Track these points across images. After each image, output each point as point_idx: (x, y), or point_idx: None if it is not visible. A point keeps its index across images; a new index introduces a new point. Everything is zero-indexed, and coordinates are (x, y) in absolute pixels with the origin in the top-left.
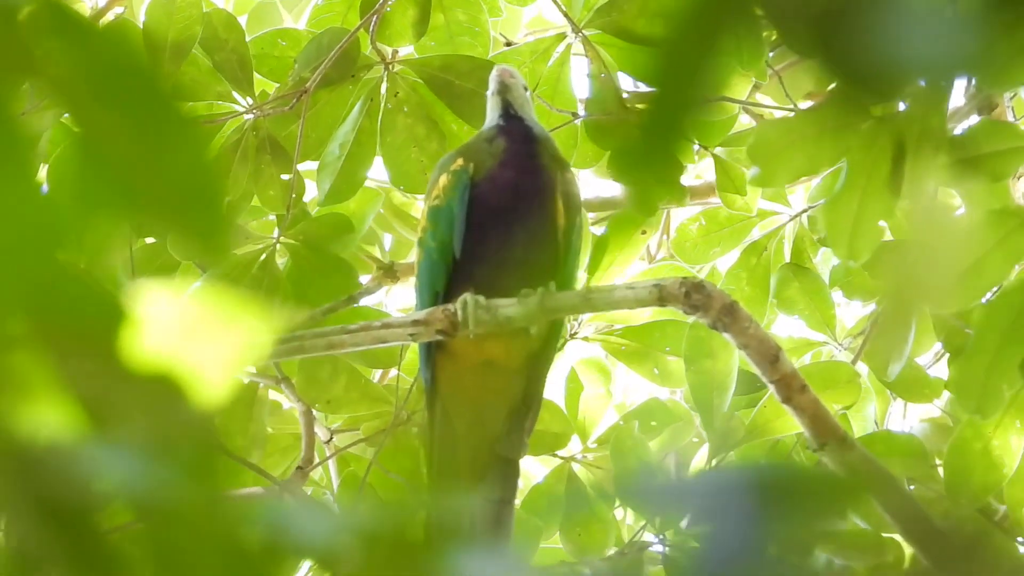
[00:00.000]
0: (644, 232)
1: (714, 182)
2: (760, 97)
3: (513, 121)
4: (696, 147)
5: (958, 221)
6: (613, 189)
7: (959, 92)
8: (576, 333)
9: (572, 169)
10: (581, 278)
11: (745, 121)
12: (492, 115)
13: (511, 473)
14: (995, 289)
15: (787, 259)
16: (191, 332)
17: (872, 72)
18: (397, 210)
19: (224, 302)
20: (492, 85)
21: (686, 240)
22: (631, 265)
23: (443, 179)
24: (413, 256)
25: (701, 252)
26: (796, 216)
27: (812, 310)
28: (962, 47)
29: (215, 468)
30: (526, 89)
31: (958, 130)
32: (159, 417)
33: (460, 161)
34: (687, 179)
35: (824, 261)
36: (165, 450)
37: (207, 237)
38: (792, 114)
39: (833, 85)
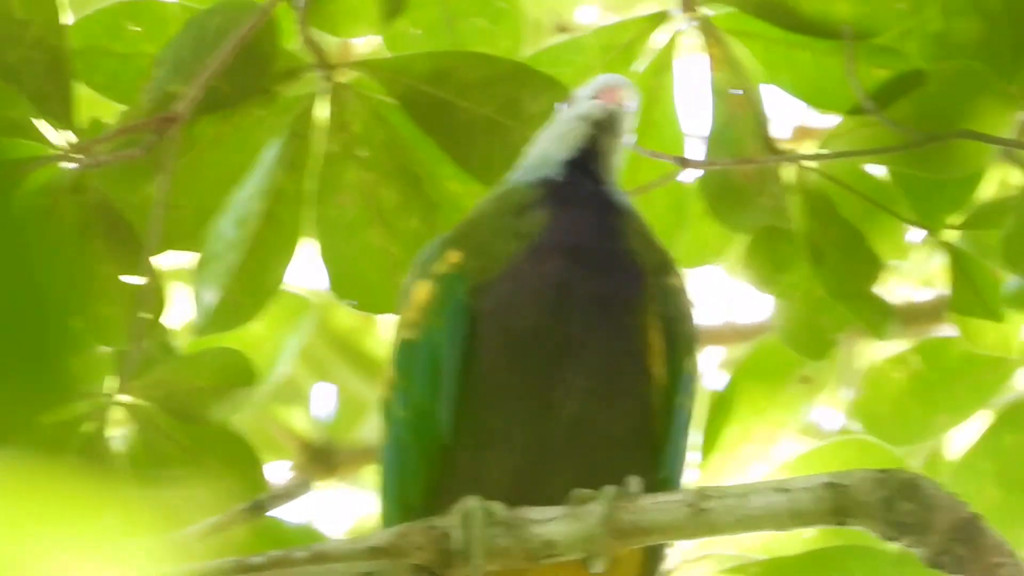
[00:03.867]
0: (806, 380)
1: (945, 296)
2: None
3: (583, 180)
4: (911, 231)
5: None
6: (752, 306)
7: None
8: (673, 571)
9: (678, 270)
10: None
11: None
12: (548, 155)
13: None
14: None
15: None
16: None
17: None
18: (343, 341)
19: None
20: (585, 105)
21: (884, 398)
22: (778, 442)
23: (421, 291)
24: (371, 430)
25: (912, 421)
26: None
27: None
28: None
29: None
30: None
31: None
32: None
33: (453, 255)
34: (890, 289)
35: None
36: None
37: (34, 375)
38: None
39: None
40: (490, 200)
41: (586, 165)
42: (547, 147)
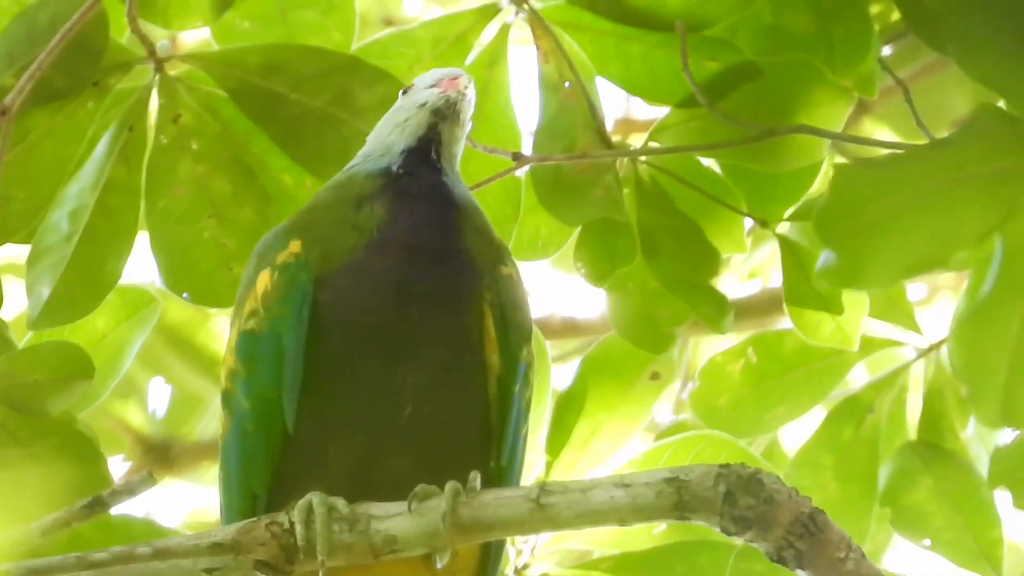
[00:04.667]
0: (656, 377)
1: (779, 289)
2: (870, 130)
3: (423, 170)
4: (749, 224)
5: None
6: (590, 300)
7: None
8: (526, 567)
9: (513, 260)
10: (532, 463)
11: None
12: (388, 144)
13: None
14: None
15: (911, 432)
16: None
17: None
18: (176, 334)
19: None
20: (424, 94)
21: (720, 391)
22: (629, 439)
23: (263, 280)
24: (209, 425)
25: (748, 414)
26: (930, 350)
27: (958, 528)
28: None
29: None
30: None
31: None
32: None
33: (295, 245)
34: (730, 284)
35: (982, 436)
36: None
37: None
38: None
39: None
40: (330, 189)
41: (426, 154)
42: (387, 136)
